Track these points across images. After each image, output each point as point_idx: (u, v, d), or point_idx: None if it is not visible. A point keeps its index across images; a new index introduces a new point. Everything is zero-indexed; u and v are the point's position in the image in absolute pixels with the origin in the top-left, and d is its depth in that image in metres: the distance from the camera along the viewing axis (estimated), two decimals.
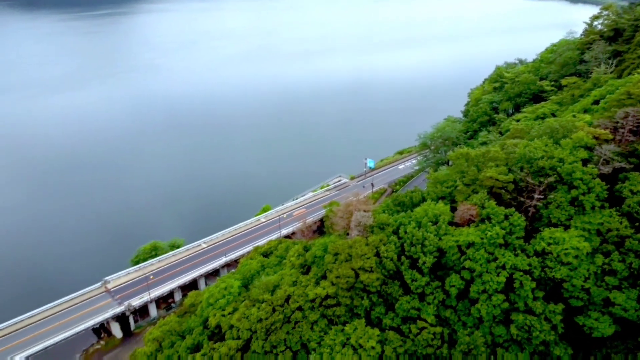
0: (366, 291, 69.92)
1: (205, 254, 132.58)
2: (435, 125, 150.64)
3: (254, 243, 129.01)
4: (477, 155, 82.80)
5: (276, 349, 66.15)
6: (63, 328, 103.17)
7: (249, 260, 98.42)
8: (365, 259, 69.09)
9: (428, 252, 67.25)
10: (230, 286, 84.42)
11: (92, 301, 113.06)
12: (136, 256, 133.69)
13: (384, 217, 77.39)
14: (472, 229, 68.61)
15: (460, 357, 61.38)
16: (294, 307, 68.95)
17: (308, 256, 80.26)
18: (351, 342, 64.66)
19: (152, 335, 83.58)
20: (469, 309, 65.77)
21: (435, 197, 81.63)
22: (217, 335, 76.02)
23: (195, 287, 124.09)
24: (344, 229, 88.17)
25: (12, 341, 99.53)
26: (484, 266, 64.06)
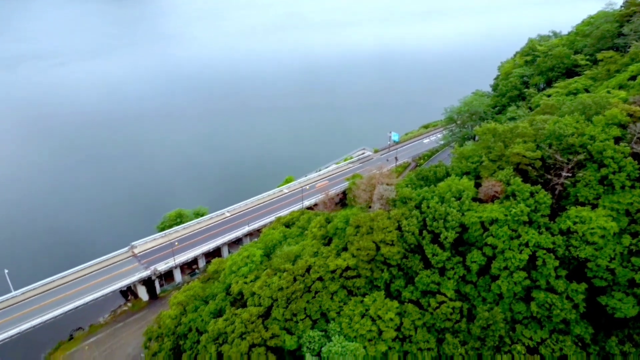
0: (386, 264, 70.36)
1: (229, 223, 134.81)
2: (462, 99, 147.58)
3: (276, 213, 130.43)
4: (505, 130, 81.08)
5: (296, 316, 67.58)
6: (93, 289, 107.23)
7: (271, 230, 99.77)
8: (387, 232, 69.25)
9: (450, 228, 66.95)
10: (252, 255, 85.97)
11: (120, 265, 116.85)
12: (162, 223, 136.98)
13: (407, 191, 77.05)
14: (496, 205, 67.83)
15: (478, 331, 61.71)
16: (314, 277, 69.97)
17: (330, 228, 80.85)
18: (370, 313, 65.57)
19: (176, 299, 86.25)
20: (489, 285, 65.69)
21: (459, 172, 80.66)
22: (239, 301, 77.96)
23: (219, 254, 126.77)
24: (366, 202, 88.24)
25: (46, 299, 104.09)
26: (506, 243, 63.55)
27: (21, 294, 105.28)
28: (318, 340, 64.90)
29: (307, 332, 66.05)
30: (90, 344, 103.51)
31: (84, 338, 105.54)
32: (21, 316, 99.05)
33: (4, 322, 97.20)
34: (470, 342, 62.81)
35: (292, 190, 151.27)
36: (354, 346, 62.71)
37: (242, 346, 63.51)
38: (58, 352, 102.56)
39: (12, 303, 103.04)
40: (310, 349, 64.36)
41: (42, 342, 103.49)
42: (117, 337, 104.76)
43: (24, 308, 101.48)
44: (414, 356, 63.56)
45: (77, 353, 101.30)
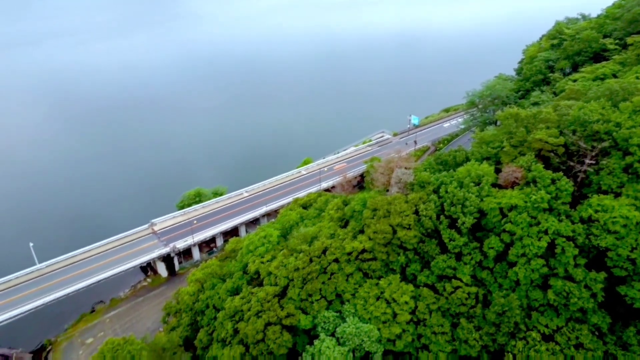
0: (403, 248, 70.41)
1: (247, 203, 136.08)
2: (485, 82, 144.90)
3: (294, 194, 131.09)
4: (528, 115, 79.57)
5: (311, 297, 68.33)
6: (114, 264, 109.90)
7: (289, 211, 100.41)
8: (404, 216, 69.13)
9: (468, 213, 66.47)
10: (269, 235, 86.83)
11: (140, 241, 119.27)
12: (181, 201, 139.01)
13: (425, 176, 76.57)
14: (516, 191, 67.01)
15: (493, 317, 61.61)
16: (330, 259, 70.45)
17: (347, 210, 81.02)
18: (385, 295, 65.93)
19: (194, 276, 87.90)
20: (506, 272, 65.31)
21: (479, 157, 79.69)
22: (256, 280, 79.12)
23: (236, 234, 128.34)
24: (384, 185, 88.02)
25: (69, 273, 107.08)
26: (525, 230, 62.90)
27: (45, 267, 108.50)
28: (333, 321, 65.66)
29: (322, 313, 66.82)
30: (111, 317, 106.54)
31: (105, 311, 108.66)
32: (45, 288, 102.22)
33: (30, 294, 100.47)
34: (485, 327, 62.81)
35: (310, 172, 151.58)
36: (368, 328, 63.33)
37: (258, 324, 64.61)
38: (80, 323, 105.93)
39: (37, 275, 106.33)
40: (325, 329, 65.18)
41: (65, 314, 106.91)
42: (137, 311, 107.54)
43: (48, 280, 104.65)
44: (428, 339, 63.92)
45: (99, 325, 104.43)
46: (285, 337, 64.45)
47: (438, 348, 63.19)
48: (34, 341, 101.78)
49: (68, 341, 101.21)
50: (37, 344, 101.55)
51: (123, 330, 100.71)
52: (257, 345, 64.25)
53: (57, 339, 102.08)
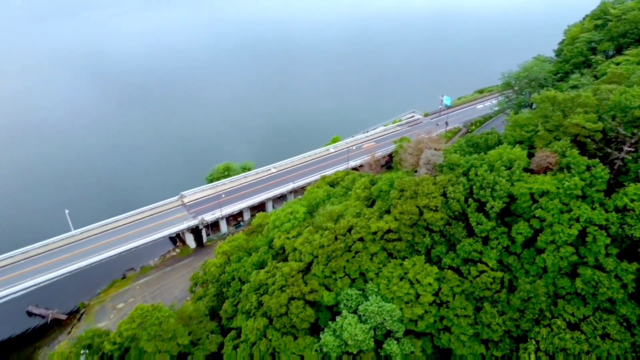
0: (429, 229, 69.99)
1: (274, 179, 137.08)
2: (522, 64, 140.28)
3: (321, 172, 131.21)
4: (565, 99, 76.95)
5: (335, 274, 68.94)
6: (145, 234, 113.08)
7: (316, 189, 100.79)
8: (432, 197, 68.51)
9: (498, 197, 65.35)
10: (296, 211, 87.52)
11: (170, 212, 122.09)
12: (210, 175, 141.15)
13: (455, 158, 75.38)
14: (549, 177, 65.38)
15: (518, 303, 60.97)
16: (355, 238, 70.67)
17: (374, 190, 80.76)
18: (409, 276, 65.98)
19: (221, 249, 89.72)
20: (533, 258, 64.28)
21: (512, 140, 77.80)
22: (281, 255, 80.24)
23: (263, 209, 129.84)
24: (412, 166, 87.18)
25: (102, 240, 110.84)
26: (556, 217, 61.54)
27: (80, 234, 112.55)
28: (355, 299, 66.25)
29: (345, 290, 67.45)
30: (141, 284, 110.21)
31: (136, 278, 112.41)
32: (80, 254, 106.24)
33: (65, 258, 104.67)
34: (509, 312, 62.30)
35: (339, 150, 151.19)
36: (391, 307, 63.70)
37: (282, 298, 65.76)
38: (112, 288, 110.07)
39: (72, 241, 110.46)
40: (347, 306, 65.88)
41: (98, 279, 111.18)
42: (166, 280, 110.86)
43: (82, 246, 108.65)
44: (450, 321, 63.90)
45: (129, 291, 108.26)
46: (308, 312, 65.46)
47: (460, 331, 63.16)
48: (69, 303, 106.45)
49: (100, 305, 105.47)
50: (72, 307, 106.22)
51: (152, 297, 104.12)
52: (280, 319, 65.54)
53: (90, 303, 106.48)
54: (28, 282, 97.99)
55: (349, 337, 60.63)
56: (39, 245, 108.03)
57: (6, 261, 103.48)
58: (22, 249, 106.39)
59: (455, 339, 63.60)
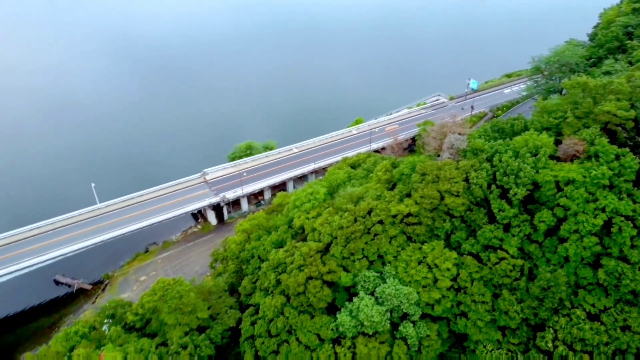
0: (449, 214, 69.43)
1: (296, 159, 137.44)
2: (553, 48, 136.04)
3: (343, 153, 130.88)
4: (597, 85, 74.61)
5: (353, 256, 69.20)
6: (167, 209, 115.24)
7: (337, 170, 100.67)
8: (453, 182, 67.80)
9: (521, 184, 64.26)
10: (316, 192, 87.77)
11: (192, 189, 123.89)
12: (233, 153, 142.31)
13: (480, 143, 74.18)
14: (575, 165, 63.93)
15: (537, 291, 60.32)
16: (375, 220, 70.63)
17: (395, 173, 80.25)
18: (427, 260, 65.84)
19: (242, 226, 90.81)
20: (555, 247, 63.30)
21: (539, 127, 76.03)
22: (300, 235, 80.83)
23: (284, 188, 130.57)
24: (435, 150, 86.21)
25: (126, 214, 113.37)
26: (580, 206, 60.32)
27: (105, 207, 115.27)
28: (373, 281, 66.52)
29: (363, 272, 67.75)
30: (162, 258, 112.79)
31: (158, 252, 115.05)
32: (105, 226, 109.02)
33: (90, 230, 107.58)
34: (528, 300, 61.74)
35: (361, 132, 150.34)
36: (408, 290, 63.81)
37: (300, 277, 66.45)
38: (135, 261, 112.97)
39: (97, 214, 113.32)
40: (365, 288, 66.24)
41: (122, 251, 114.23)
42: (187, 255, 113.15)
43: (107, 220, 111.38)
44: (467, 307, 63.74)
45: (151, 265, 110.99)
46: (325, 292, 66.08)
47: (477, 316, 62.98)
48: (94, 274, 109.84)
49: (124, 277, 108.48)
50: (97, 277, 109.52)
51: (173, 271, 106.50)
52: (297, 297, 66.37)
53: (114, 274, 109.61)
54: (55, 252, 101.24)
55: (365, 318, 61.12)
56: (65, 217, 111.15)
57: (34, 231, 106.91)
58: (50, 220, 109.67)
59: (471, 324, 63.48)
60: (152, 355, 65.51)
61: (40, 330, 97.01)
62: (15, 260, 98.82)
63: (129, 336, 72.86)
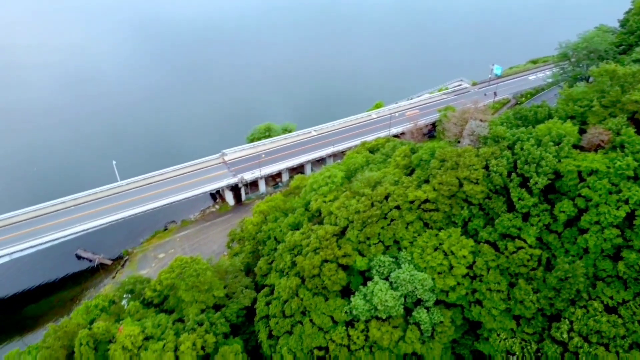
0: (467, 202, 68.78)
1: (314, 142, 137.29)
2: (582, 34, 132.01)
3: (362, 138, 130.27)
4: (626, 74, 72.43)
5: (369, 240, 69.25)
6: (186, 189, 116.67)
7: (355, 154, 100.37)
8: (473, 169, 67.01)
9: (542, 173, 63.15)
10: (334, 175, 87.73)
11: (211, 169, 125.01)
12: (251, 134, 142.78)
13: (501, 130, 72.95)
14: (599, 155, 62.51)
15: (555, 282, 59.66)
16: (392, 205, 70.41)
17: (414, 158, 79.64)
18: (443, 247, 65.55)
19: (259, 208, 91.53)
20: (575, 238, 62.33)
21: (563, 115, 74.34)
22: (317, 218, 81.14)
23: (302, 171, 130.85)
24: (455, 136, 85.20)
25: (146, 192, 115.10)
26: (603, 197, 59.11)
27: (126, 184, 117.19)
28: (388, 266, 66.60)
29: (378, 257, 67.83)
30: (181, 236, 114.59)
31: (176, 230, 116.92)
32: (125, 204, 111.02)
33: (112, 207, 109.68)
34: (544, 291, 61.12)
35: (381, 116, 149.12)
36: (423, 276, 63.75)
37: (315, 260, 66.88)
38: (154, 239, 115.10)
39: (118, 191, 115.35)
40: (380, 273, 66.40)
41: (141, 229, 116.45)
42: (204, 234, 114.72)
43: (128, 197, 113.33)
44: (482, 295, 63.47)
45: (170, 242, 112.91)
46: (340, 275, 66.46)
47: (491, 305, 62.70)
48: (114, 250, 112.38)
49: (143, 253, 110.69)
50: (117, 253, 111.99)
51: (191, 249, 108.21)
52: (312, 280, 66.90)
53: (134, 251, 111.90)
54: (77, 227, 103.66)
55: (379, 302, 61.38)
56: (88, 194, 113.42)
57: (58, 206, 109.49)
58: (73, 196, 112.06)
59: (486, 312, 63.28)
60: (168, 330, 67.02)
61: (62, 303, 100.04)
62: (39, 234, 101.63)
63: (147, 311, 74.66)
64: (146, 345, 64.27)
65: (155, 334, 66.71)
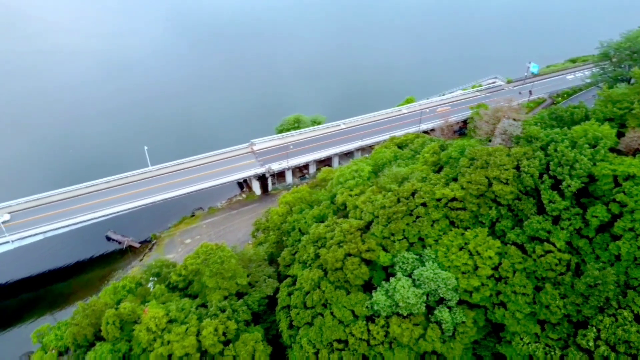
0: (496, 202, 67.49)
1: (343, 135, 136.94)
2: (625, 33, 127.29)
3: (391, 132, 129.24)
4: None
5: (394, 236, 68.79)
6: (214, 176, 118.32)
7: (383, 149, 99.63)
8: (503, 169, 65.65)
9: (576, 176, 61.39)
10: (361, 170, 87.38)
11: (239, 158, 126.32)
12: (280, 125, 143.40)
13: (535, 130, 71.14)
14: (637, 160, 60.35)
15: (583, 288, 58.11)
16: (418, 202, 69.71)
17: (443, 156, 78.55)
18: (469, 247, 64.60)
19: (285, 199, 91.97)
20: (607, 244, 60.48)
21: (601, 117, 71.99)
22: (342, 211, 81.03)
23: (329, 164, 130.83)
24: (486, 135, 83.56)
25: (175, 178, 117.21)
26: (639, 203, 57.11)
27: (156, 170, 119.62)
28: (412, 263, 66.10)
29: (402, 253, 67.35)
30: (207, 223, 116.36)
31: (203, 217, 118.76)
32: (155, 189, 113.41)
33: (142, 191, 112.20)
34: (572, 296, 59.63)
35: (411, 111, 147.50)
36: (446, 275, 63.05)
37: (339, 253, 66.87)
38: (181, 224, 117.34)
39: (149, 176, 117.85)
40: (403, 269, 65.96)
41: (169, 214, 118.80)
42: (230, 222, 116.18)
43: (157, 182, 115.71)
44: (507, 297, 62.36)
45: (196, 229, 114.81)
46: (363, 270, 66.31)
47: (516, 308, 61.55)
48: (142, 233, 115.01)
49: (170, 238, 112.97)
50: (145, 237, 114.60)
51: (217, 236, 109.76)
52: (335, 273, 66.96)
53: (161, 235, 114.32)
54: (108, 210, 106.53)
55: (401, 299, 61.05)
56: (119, 177, 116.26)
57: (90, 188, 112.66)
58: (105, 179, 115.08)
59: (510, 315, 62.20)
60: (191, 314, 68.34)
61: (91, 282, 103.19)
62: (72, 214, 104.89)
63: (171, 295, 76.30)
64: (169, 328, 65.75)
65: (178, 318, 68.18)
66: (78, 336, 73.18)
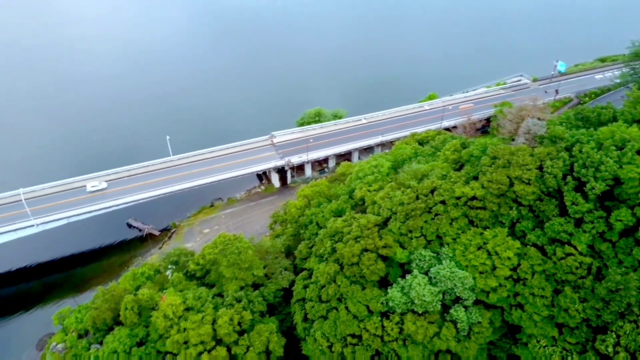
0: (517, 202, 66.47)
1: (364, 130, 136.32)
2: None
3: (412, 128, 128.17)
4: None
5: (411, 233, 68.39)
6: (234, 168, 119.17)
7: (404, 145, 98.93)
8: (526, 169, 64.57)
9: (601, 178, 60.02)
10: (380, 165, 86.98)
11: (259, 150, 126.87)
12: (301, 118, 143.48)
13: (560, 130, 69.72)
14: None
15: (604, 292, 56.98)
16: (437, 200, 69.12)
17: (464, 154, 77.64)
18: (488, 247, 63.86)
19: (303, 192, 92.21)
20: (631, 249, 59.14)
21: (629, 118, 70.16)
22: (360, 206, 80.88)
23: (349, 158, 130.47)
24: (510, 134, 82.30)
25: (195, 168, 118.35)
26: None
27: (177, 159, 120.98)
28: (429, 260, 65.72)
29: (419, 250, 66.99)
30: (226, 214, 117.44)
31: (222, 208, 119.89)
32: (175, 178, 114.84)
33: (163, 180, 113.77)
34: (592, 301, 58.56)
35: (433, 108, 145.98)
36: (464, 274, 62.50)
37: (355, 248, 66.83)
38: (200, 214, 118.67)
39: (170, 166, 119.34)
40: (419, 267, 65.64)
41: (189, 203, 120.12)
42: (249, 214, 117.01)
43: (178, 172, 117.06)
44: (525, 299, 61.54)
45: (215, 219, 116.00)
46: (379, 266, 66.18)
47: (534, 310, 60.76)
48: (162, 221, 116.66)
49: (189, 227, 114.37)
50: (165, 225, 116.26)
51: (235, 227, 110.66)
52: (351, 267, 66.97)
53: (181, 224, 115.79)
54: (130, 197, 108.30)
55: (417, 296, 60.81)
56: (141, 166, 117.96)
57: (112, 176, 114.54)
58: (127, 167, 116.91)
59: (527, 317, 61.43)
60: (208, 303, 69.25)
61: (111, 268, 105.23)
62: (95, 201, 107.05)
63: (189, 283, 77.44)
64: (186, 316, 66.75)
65: (195, 306, 69.17)
66: (97, 320, 74.95)
